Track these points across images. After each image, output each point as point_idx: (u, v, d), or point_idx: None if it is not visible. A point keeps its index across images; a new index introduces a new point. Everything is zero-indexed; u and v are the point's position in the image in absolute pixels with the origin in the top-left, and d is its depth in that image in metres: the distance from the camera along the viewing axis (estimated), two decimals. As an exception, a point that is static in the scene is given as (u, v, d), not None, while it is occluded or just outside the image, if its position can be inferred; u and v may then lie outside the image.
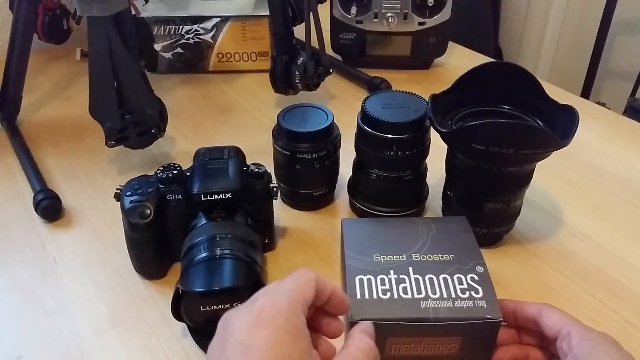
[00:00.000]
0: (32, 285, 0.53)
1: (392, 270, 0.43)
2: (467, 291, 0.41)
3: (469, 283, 0.42)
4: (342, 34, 0.89)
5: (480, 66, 0.53)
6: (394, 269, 0.43)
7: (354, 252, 0.45)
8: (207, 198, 0.50)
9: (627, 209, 0.62)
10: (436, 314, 0.40)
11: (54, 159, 0.71)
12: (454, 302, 0.40)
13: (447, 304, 0.40)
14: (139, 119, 0.63)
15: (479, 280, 0.42)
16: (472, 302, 0.40)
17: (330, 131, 0.58)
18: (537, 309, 0.41)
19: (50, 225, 0.61)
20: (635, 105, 1.39)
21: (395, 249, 0.45)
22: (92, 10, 0.56)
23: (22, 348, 0.47)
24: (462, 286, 0.42)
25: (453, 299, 0.41)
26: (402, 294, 0.41)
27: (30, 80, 0.78)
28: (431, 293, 0.41)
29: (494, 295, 0.41)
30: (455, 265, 0.43)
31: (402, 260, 0.44)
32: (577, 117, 0.48)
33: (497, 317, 0.40)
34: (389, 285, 0.42)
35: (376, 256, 0.44)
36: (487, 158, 0.49)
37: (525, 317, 0.41)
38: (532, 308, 0.41)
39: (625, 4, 1.50)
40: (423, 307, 0.40)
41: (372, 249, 0.45)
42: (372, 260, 0.44)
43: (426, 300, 0.41)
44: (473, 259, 0.44)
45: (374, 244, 0.46)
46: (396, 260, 0.44)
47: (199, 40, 0.89)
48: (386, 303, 0.41)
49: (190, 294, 0.43)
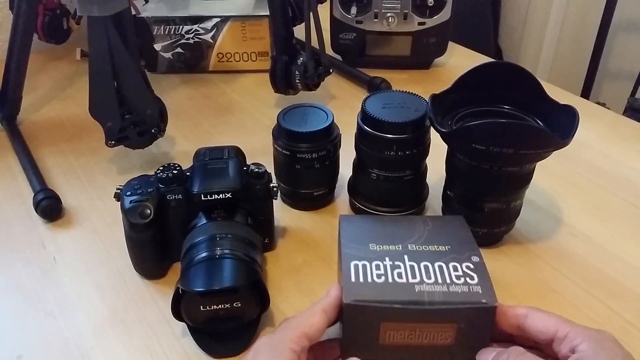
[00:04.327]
0: (32, 285, 0.53)
1: (387, 257, 0.43)
2: (462, 277, 0.41)
3: (464, 270, 0.42)
4: (342, 34, 0.89)
5: (480, 66, 0.53)
6: (389, 256, 0.43)
7: (350, 241, 0.45)
8: (207, 198, 0.50)
9: (627, 209, 0.62)
10: (430, 297, 0.40)
11: (54, 158, 0.71)
12: (449, 287, 0.40)
13: (442, 288, 0.40)
14: (139, 118, 0.63)
15: (474, 269, 0.42)
16: (467, 287, 0.40)
17: (330, 131, 0.58)
18: (522, 314, 0.39)
19: (50, 225, 0.61)
20: (635, 105, 1.40)
21: (391, 240, 0.45)
22: (92, 10, 0.56)
23: (22, 348, 0.47)
24: (457, 273, 0.42)
25: (448, 284, 0.41)
26: (397, 278, 0.41)
27: (30, 80, 0.78)
28: (426, 278, 0.41)
29: (489, 282, 0.41)
30: (451, 254, 0.44)
31: (398, 249, 0.44)
32: (577, 117, 0.48)
33: (492, 302, 0.39)
34: (384, 271, 0.42)
35: (372, 245, 0.45)
36: (487, 158, 0.49)
37: (508, 322, 0.40)
38: (516, 312, 0.39)
39: (625, 4, 1.50)
40: (417, 291, 0.40)
41: (369, 239, 0.45)
42: (368, 249, 0.44)
43: (421, 285, 0.41)
44: (469, 250, 0.44)
45: (370, 235, 0.46)
46: (392, 249, 0.44)
47: (199, 40, 0.89)
48: (380, 286, 0.41)
49: (190, 294, 0.43)
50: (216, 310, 0.44)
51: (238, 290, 0.44)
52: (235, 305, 0.44)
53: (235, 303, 0.44)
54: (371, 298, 0.39)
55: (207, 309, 0.44)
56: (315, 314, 0.39)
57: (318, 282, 0.53)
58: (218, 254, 0.46)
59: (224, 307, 0.44)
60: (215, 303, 0.44)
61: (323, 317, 0.39)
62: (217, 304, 0.44)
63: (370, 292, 0.40)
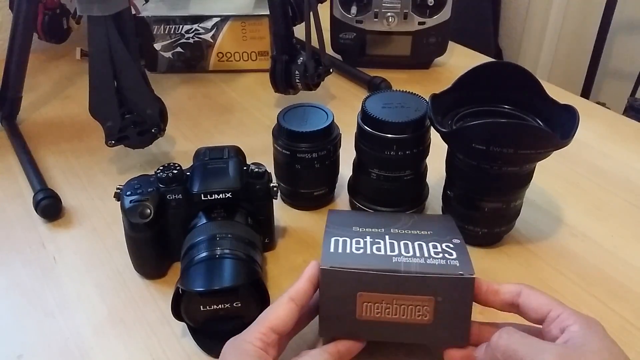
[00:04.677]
0: (32, 285, 0.53)
1: (368, 236, 0.44)
2: (440, 254, 0.42)
3: (444, 248, 0.42)
4: (342, 33, 0.89)
5: (481, 66, 0.53)
6: (371, 235, 0.44)
7: (334, 225, 0.46)
8: (207, 198, 0.50)
9: (627, 209, 0.62)
10: (407, 267, 0.40)
11: (54, 158, 0.71)
12: (426, 260, 0.41)
13: (420, 261, 0.41)
14: (139, 118, 0.63)
15: (453, 247, 0.43)
16: (445, 261, 0.41)
17: (330, 131, 0.58)
18: (516, 290, 0.40)
19: (50, 224, 0.61)
20: (635, 105, 1.40)
21: (375, 225, 0.46)
22: (92, 9, 0.56)
23: (22, 348, 0.47)
24: (437, 250, 0.42)
25: (425, 258, 0.41)
26: (375, 251, 0.42)
27: (30, 80, 0.78)
28: (404, 252, 0.42)
29: (468, 257, 0.41)
30: (433, 237, 0.44)
31: (380, 232, 0.45)
32: (577, 117, 0.48)
33: (469, 273, 0.40)
34: (363, 245, 0.43)
35: (355, 228, 0.45)
36: (487, 158, 0.49)
37: (502, 299, 0.40)
38: (510, 289, 0.40)
39: (625, 4, 1.50)
40: (394, 262, 0.41)
41: (353, 224, 0.46)
42: (351, 230, 0.45)
43: (399, 257, 0.41)
44: (450, 235, 0.45)
45: (355, 221, 0.47)
46: (374, 231, 0.45)
47: (199, 39, 0.89)
48: (358, 256, 0.41)
49: (190, 294, 0.43)
50: (216, 310, 0.44)
51: (238, 290, 0.44)
52: (235, 305, 0.44)
53: (235, 303, 0.44)
54: (348, 266, 0.40)
55: (207, 309, 0.44)
56: (282, 304, 0.39)
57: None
58: (218, 253, 0.46)
59: (224, 307, 0.44)
60: (215, 303, 0.44)
61: (291, 306, 0.39)
62: (217, 303, 0.44)
63: (347, 260, 0.41)
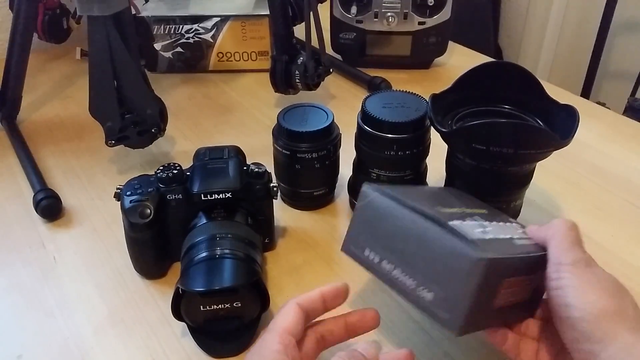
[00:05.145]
0: (32, 285, 0.53)
1: (468, 217, 0.39)
2: (519, 230, 0.42)
3: (513, 226, 0.43)
4: (342, 33, 0.89)
5: (481, 66, 0.53)
6: (469, 216, 0.40)
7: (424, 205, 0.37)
8: (207, 198, 0.50)
9: (627, 209, 0.62)
10: (526, 249, 0.39)
11: (54, 158, 0.71)
12: (522, 239, 0.40)
13: (525, 241, 0.40)
14: (139, 118, 0.63)
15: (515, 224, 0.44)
16: (528, 240, 0.41)
17: (330, 131, 0.58)
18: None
19: (50, 224, 0.61)
20: (635, 105, 1.39)
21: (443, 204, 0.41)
22: (92, 9, 0.56)
23: (22, 348, 0.47)
24: (512, 227, 0.42)
25: (520, 237, 0.41)
26: (492, 234, 0.38)
27: (30, 80, 0.78)
28: (509, 234, 0.40)
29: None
30: (495, 215, 0.44)
31: (464, 212, 0.41)
32: (577, 117, 0.48)
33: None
34: (480, 227, 0.38)
35: (438, 207, 0.38)
36: (487, 158, 0.49)
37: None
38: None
39: (625, 4, 1.50)
40: (518, 244, 0.39)
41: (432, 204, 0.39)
42: (440, 210, 0.38)
43: (512, 240, 0.40)
44: (494, 211, 0.45)
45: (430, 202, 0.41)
46: (459, 211, 0.40)
47: (199, 39, 0.89)
48: (494, 242, 0.37)
49: (190, 294, 0.43)
50: (216, 310, 0.44)
51: (238, 290, 0.44)
52: (235, 305, 0.44)
53: (235, 303, 0.44)
54: (503, 253, 0.36)
55: (207, 309, 0.44)
56: (290, 309, 0.40)
57: (318, 282, 0.53)
58: (218, 253, 0.46)
59: (224, 307, 0.44)
60: (215, 303, 0.44)
61: (298, 312, 0.39)
62: (217, 303, 0.44)
63: (493, 248, 0.36)
